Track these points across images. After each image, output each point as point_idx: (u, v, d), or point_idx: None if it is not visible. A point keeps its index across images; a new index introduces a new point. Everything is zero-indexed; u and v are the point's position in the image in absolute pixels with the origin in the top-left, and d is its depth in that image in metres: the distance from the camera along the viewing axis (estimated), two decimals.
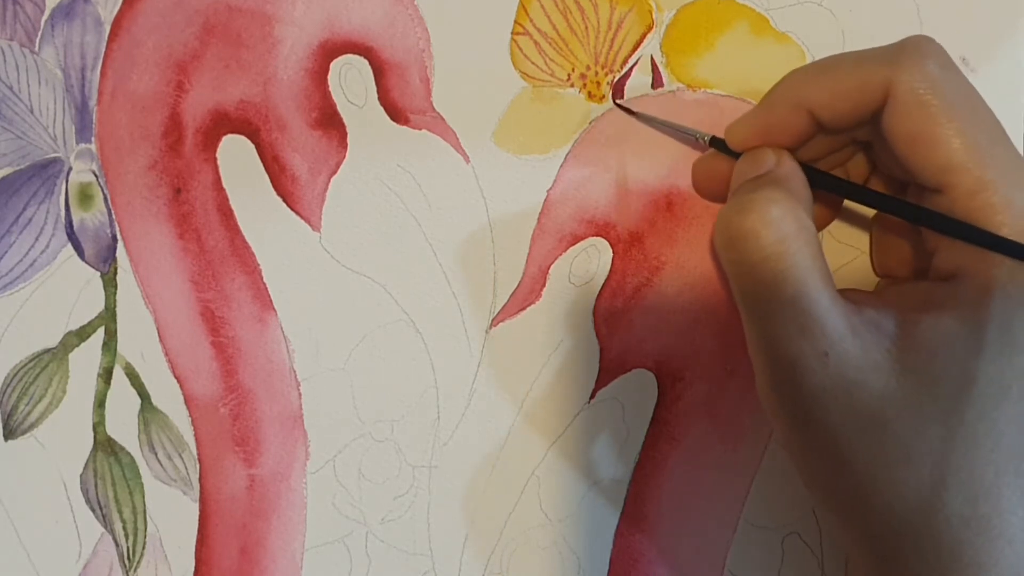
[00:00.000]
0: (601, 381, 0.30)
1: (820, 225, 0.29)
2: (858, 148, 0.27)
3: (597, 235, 0.30)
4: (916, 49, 0.24)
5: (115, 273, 0.30)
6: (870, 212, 0.29)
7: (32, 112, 0.30)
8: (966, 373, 0.22)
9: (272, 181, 0.30)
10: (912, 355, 0.23)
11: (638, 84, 0.30)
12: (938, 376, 0.22)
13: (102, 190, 0.30)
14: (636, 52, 0.29)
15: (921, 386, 0.22)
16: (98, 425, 0.30)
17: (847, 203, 0.29)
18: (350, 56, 0.30)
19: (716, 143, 0.27)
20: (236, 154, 0.30)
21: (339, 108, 0.30)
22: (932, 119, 0.23)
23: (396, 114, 0.30)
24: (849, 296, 0.24)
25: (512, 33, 0.30)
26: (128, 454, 0.30)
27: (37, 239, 0.30)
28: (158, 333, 0.30)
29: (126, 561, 0.30)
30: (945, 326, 0.23)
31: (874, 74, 0.24)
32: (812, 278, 0.23)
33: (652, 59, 0.30)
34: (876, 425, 0.22)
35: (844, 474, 0.23)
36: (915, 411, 0.22)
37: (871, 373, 0.22)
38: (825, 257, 0.24)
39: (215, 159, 0.30)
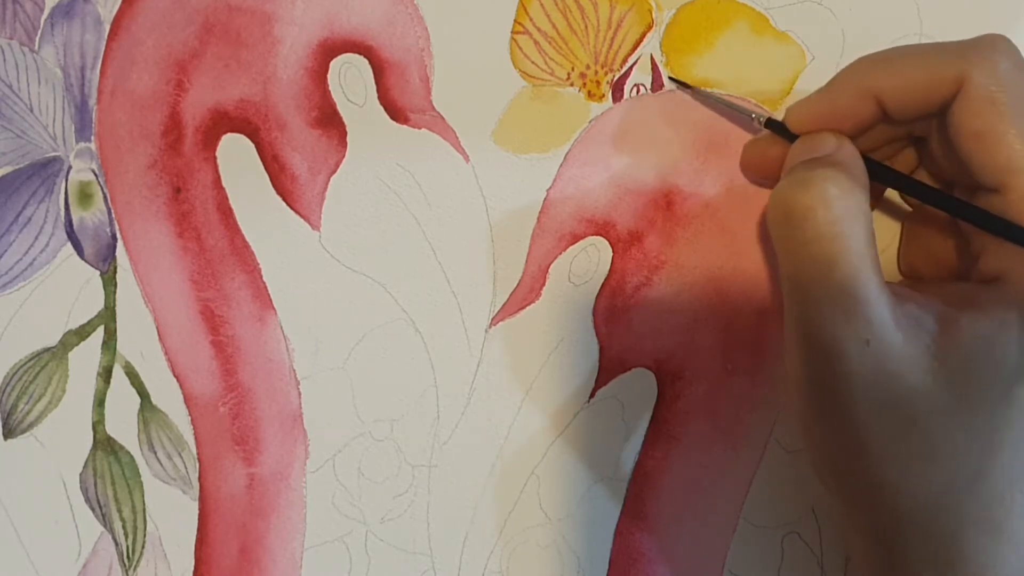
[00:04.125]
0: (601, 380, 0.30)
1: None
2: (908, 142, 0.27)
3: (597, 234, 0.30)
4: (991, 46, 0.23)
5: (115, 272, 0.30)
6: (891, 212, 0.29)
7: (32, 111, 0.30)
8: (1002, 379, 0.22)
9: (272, 180, 0.30)
10: (950, 354, 0.22)
11: (638, 83, 0.30)
12: (974, 378, 0.22)
13: (101, 189, 0.30)
14: (636, 51, 0.29)
15: (955, 386, 0.22)
16: (98, 424, 0.30)
17: None
18: (350, 55, 0.30)
19: (773, 125, 0.27)
20: (236, 153, 0.30)
21: (339, 107, 0.30)
22: (1000, 118, 0.23)
23: (396, 113, 0.30)
24: (892, 289, 0.23)
25: (512, 32, 0.30)
26: (128, 453, 0.30)
27: (36, 238, 0.30)
28: (158, 332, 0.30)
29: (126, 560, 0.30)
30: (985, 328, 0.23)
31: (948, 67, 0.23)
32: (864, 263, 0.22)
33: (652, 58, 0.30)
34: (905, 419, 0.22)
35: (862, 463, 0.23)
36: (946, 411, 0.22)
37: (908, 367, 0.22)
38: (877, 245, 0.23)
39: (215, 158, 0.30)
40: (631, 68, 0.29)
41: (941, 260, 0.27)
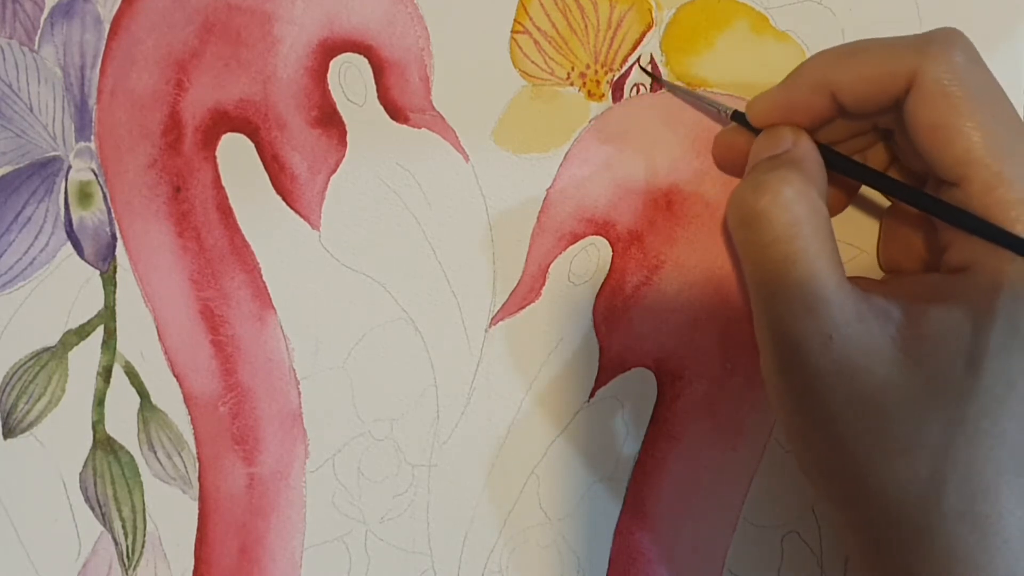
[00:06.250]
0: (601, 380, 0.30)
1: (835, 210, 0.29)
2: (879, 137, 0.27)
3: (597, 234, 0.30)
4: (945, 39, 0.24)
5: (114, 272, 0.30)
6: (874, 210, 0.29)
7: (31, 110, 0.30)
8: (970, 367, 0.22)
9: (272, 180, 0.30)
10: (917, 345, 0.22)
11: (638, 83, 0.30)
12: (942, 368, 0.22)
13: (101, 188, 0.30)
14: (636, 51, 0.29)
15: (924, 377, 0.22)
16: (97, 424, 0.30)
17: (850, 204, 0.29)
18: (350, 55, 0.30)
19: (737, 117, 0.27)
20: (236, 152, 0.30)
21: (339, 107, 0.30)
22: (954, 111, 0.23)
23: (396, 113, 0.30)
24: (858, 283, 0.24)
25: (512, 32, 0.30)
26: (127, 452, 0.30)
27: (36, 237, 0.30)
28: (157, 332, 0.30)
29: (125, 560, 0.30)
30: (952, 318, 0.23)
31: (901, 61, 0.24)
32: (821, 261, 0.23)
33: (652, 58, 0.30)
34: (876, 412, 0.22)
35: (842, 460, 0.23)
36: (917, 402, 0.22)
37: (874, 360, 0.22)
38: (836, 242, 0.24)
39: (214, 157, 0.30)
40: (631, 68, 0.29)
41: (916, 252, 0.27)
